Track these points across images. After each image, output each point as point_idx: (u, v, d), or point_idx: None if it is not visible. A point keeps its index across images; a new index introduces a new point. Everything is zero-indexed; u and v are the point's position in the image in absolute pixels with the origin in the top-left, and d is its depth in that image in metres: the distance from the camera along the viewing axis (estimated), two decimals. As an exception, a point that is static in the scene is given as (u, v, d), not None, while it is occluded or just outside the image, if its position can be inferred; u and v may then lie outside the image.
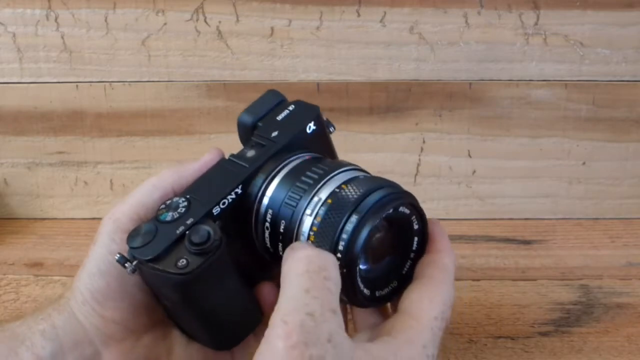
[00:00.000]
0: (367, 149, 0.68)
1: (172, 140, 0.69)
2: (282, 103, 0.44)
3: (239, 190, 0.39)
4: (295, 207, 0.37)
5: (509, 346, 0.49)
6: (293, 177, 0.39)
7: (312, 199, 0.37)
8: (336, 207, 0.36)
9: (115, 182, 0.70)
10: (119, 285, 0.38)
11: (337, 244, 0.35)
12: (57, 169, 0.70)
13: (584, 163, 0.69)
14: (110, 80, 0.67)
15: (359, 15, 0.65)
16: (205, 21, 0.65)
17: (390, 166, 0.68)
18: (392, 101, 0.67)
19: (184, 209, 0.38)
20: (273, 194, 0.39)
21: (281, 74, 0.66)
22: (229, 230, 0.38)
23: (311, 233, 0.36)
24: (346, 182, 0.37)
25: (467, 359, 0.47)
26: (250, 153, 0.41)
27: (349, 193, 0.36)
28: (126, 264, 0.36)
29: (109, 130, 0.69)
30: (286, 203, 0.38)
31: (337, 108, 0.67)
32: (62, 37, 0.66)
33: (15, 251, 0.65)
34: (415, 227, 0.38)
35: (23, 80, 0.67)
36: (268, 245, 0.39)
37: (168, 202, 0.38)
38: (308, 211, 0.37)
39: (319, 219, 0.36)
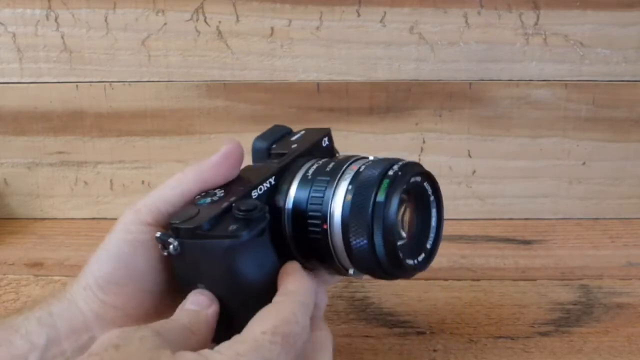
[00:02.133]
0: (367, 149, 0.68)
1: (172, 140, 0.69)
2: (291, 132, 0.46)
3: (272, 181, 0.40)
4: (323, 196, 0.39)
5: (509, 346, 0.49)
6: (317, 171, 0.41)
7: (338, 183, 0.39)
8: (361, 186, 0.38)
9: (115, 182, 0.70)
10: (125, 271, 0.38)
11: (372, 217, 0.37)
12: (57, 169, 0.70)
13: (584, 163, 0.69)
14: (110, 80, 0.67)
15: (359, 15, 0.65)
16: (205, 21, 0.65)
17: (390, 166, 0.68)
18: (392, 101, 0.67)
19: (222, 194, 0.39)
20: (299, 186, 0.40)
21: (281, 74, 0.66)
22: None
23: (344, 214, 0.38)
24: (362, 166, 0.40)
25: (467, 359, 0.47)
26: (275, 160, 0.43)
27: (368, 172, 0.38)
28: (169, 240, 0.37)
29: (109, 130, 0.69)
30: (313, 195, 0.40)
31: (337, 108, 0.67)
32: (62, 37, 0.66)
33: (15, 251, 0.65)
34: (431, 198, 0.41)
35: (23, 80, 0.67)
36: (293, 234, 0.40)
37: (204, 192, 0.39)
38: (337, 197, 0.39)
39: (349, 198, 0.38)
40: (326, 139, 0.45)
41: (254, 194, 0.39)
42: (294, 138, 0.45)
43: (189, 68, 0.67)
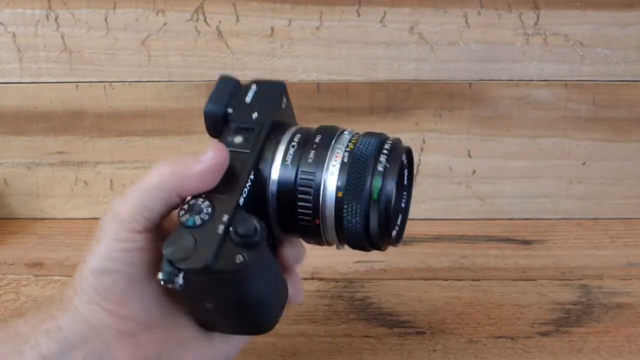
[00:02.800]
0: (367, 149, 0.68)
1: (172, 140, 0.69)
2: (239, 86, 0.43)
3: (252, 177, 0.39)
4: (314, 174, 0.39)
5: (509, 346, 0.49)
6: (300, 150, 0.40)
7: (328, 162, 0.39)
8: (357, 164, 0.39)
9: (115, 182, 0.70)
10: (127, 283, 0.38)
11: (370, 194, 0.38)
12: (57, 169, 0.70)
13: (584, 163, 0.69)
14: (110, 80, 0.67)
15: (359, 15, 0.65)
16: (205, 21, 0.65)
17: (390, 166, 0.68)
18: (392, 101, 0.67)
19: (209, 209, 0.37)
20: (281, 170, 0.40)
21: (281, 74, 0.66)
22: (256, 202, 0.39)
23: (339, 192, 0.39)
24: (352, 142, 0.40)
25: (467, 359, 0.47)
26: (239, 139, 0.40)
27: (362, 149, 0.39)
28: (175, 279, 0.35)
29: (109, 130, 0.69)
30: (302, 176, 0.39)
31: (337, 108, 0.67)
32: (62, 37, 0.66)
33: (15, 251, 0.65)
34: (405, 161, 0.42)
35: (23, 80, 0.67)
36: (283, 217, 0.40)
37: (186, 205, 0.37)
38: (328, 175, 0.39)
39: (343, 177, 0.39)
40: (284, 99, 0.43)
41: (242, 200, 0.38)
42: (248, 99, 0.42)
43: (189, 68, 0.67)
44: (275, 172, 0.40)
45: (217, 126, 0.42)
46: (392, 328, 0.51)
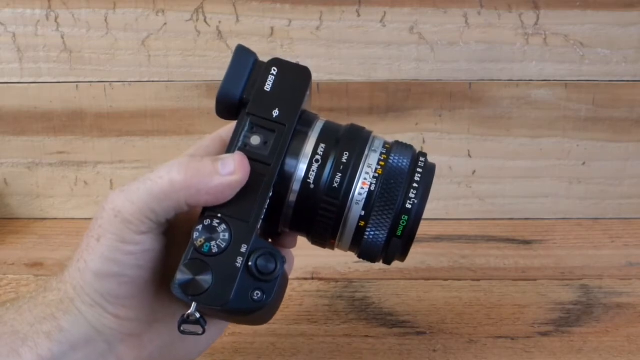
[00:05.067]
0: (367, 149, 0.68)
1: (172, 140, 0.69)
2: (257, 64, 0.39)
3: (271, 194, 0.37)
4: (338, 200, 0.38)
5: (509, 346, 0.49)
6: (322, 169, 0.38)
7: (355, 189, 0.38)
8: (391, 179, 0.38)
9: (115, 182, 0.70)
10: (131, 287, 0.37)
11: (399, 215, 0.38)
12: (57, 169, 0.70)
13: (584, 163, 0.69)
14: (110, 80, 0.67)
15: (359, 15, 0.65)
16: (205, 21, 0.65)
17: (390, 166, 0.68)
18: (392, 101, 0.67)
19: (226, 234, 0.35)
20: (302, 188, 0.38)
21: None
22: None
23: (361, 222, 0.38)
24: (380, 163, 0.39)
25: (467, 359, 0.47)
26: (257, 140, 0.37)
27: (396, 162, 0.39)
28: (190, 318, 0.35)
29: (109, 130, 0.69)
30: (325, 199, 0.38)
31: (337, 108, 0.67)
32: (62, 37, 0.66)
33: (15, 251, 0.65)
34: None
35: (23, 80, 0.67)
36: (295, 224, 0.39)
37: (200, 226, 0.35)
38: (353, 204, 0.38)
39: (369, 208, 0.37)
40: (308, 91, 0.39)
41: (259, 225, 0.36)
42: (268, 87, 0.38)
43: (189, 68, 0.67)
44: (296, 188, 0.38)
45: (230, 111, 0.38)
46: (392, 328, 0.51)
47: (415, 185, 0.38)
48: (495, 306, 0.54)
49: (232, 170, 0.36)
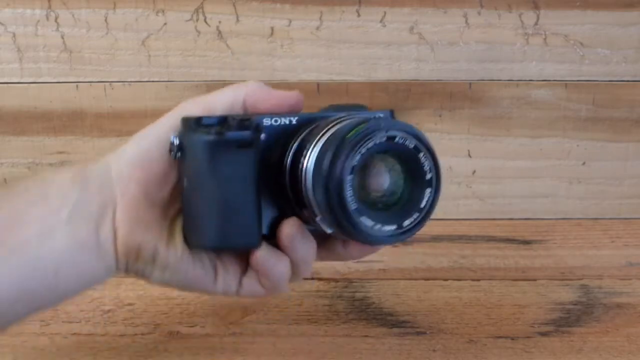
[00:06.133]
0: (367, 149, 0.68)
1: (172, 140, 0.69)
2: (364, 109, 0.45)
3: (292, 119, 0.41)
4: (306, 148, 0.39)
5: (509, 346, 0.49)
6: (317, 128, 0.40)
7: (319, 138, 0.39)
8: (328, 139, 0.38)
9: (115, 182, 0.70)
10: (156, 156, 0.40)
11: (326, 169, 0.36)
12: (57, 169, 0.70)
13: (584, 163, 0.69)
14: (110, 80, 0.67)
15: (359, 15, 0.65)
16: (205, 21, 0.65)
17: (390, 166, 0.68)
18: (392, 101, 0.67)
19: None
20: (300, 142, 0.40)
21: (281, 74, 0.66)
22: (270, 154, 0.40)
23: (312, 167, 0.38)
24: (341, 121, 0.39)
25: (467, 359, 0.47)
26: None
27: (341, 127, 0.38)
28: (174, 137, 0.40)
29: (109, 130, 0.69)
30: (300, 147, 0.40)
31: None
32: (62, 37, 0.66)
33: (15, 251, 0.65)
34: (427, 176, 0.40)
35: (23, 80, 0.67)
36: (289, 184, 0.40)
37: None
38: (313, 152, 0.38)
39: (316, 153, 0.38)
40: (381, 115, 0.43)
41: (266, 121, 0.41)
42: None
43: (189, 68, 0.67)
44: (298, 141, 0.40)
45: None
46: (391, 328, 0.51)
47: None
48: (495, 306, 0.54)
49: (297, 93, 0.43)
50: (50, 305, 0.41)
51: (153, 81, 0.67)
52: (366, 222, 0.37)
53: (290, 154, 0.40)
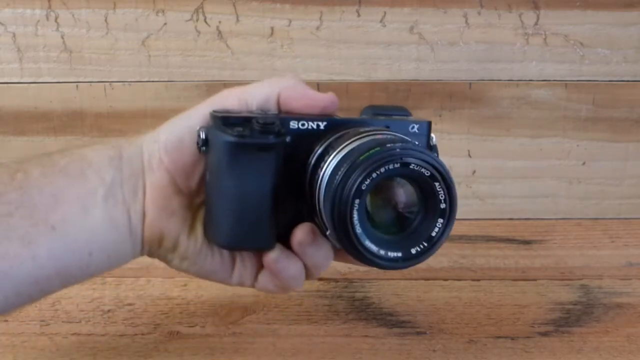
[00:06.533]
0: (367, 149, 0.68)
1: (172, 140, 0.69)
2: (407, 114, 0.45)
3: (321, 124, 0.41)
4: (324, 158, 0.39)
5: (509, 346, 0.49)
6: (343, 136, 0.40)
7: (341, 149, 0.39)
8: (344, 157, 0.38)
9: (115, 182, 0.70)
10: (187, 145, 0.41)
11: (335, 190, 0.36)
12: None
13: (584, 163, 0.69)
14: (110, 80, 0.67)
15: (359, 15, 0.65)
16: (205, 21, 0.65)
17: (390, 166, 0.68)
18: (392, 101, 0.67)
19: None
20: (324, 149, 0.40)
21: (281, 73, 0.66)
22: (296, 154, 0.40)
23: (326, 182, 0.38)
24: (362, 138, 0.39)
25: (467, 359, 0.47)
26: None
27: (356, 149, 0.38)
28: (200, 129, 0.40)
29: (109, 130, 0.69)
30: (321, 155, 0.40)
31: (337, 108, 0.67)
32: (62, 37, 0.66)
33: (15, 251, 0.65)
34: (442, 205, 0.38)
35: (23, 80, 0.67)
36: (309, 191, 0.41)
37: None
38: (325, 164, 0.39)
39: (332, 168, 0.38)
40: (416, 127, 0.43)
41: (293, 124, 0.40)
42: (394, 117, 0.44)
43: (189, 68, 0.67)
44: (322, 147, 0.41)
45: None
46: (391, 328, 0.51)
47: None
48: (495, 306, 0.54)
49: (331, 96, 0.42)
50: (78, 282, 0.41)
51: (153, 81, 0.67)
52: (371, 247, 0.37)
53: (314, 158, 0.40)
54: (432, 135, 0.44)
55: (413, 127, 0.43)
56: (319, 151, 0.40)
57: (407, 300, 0.55)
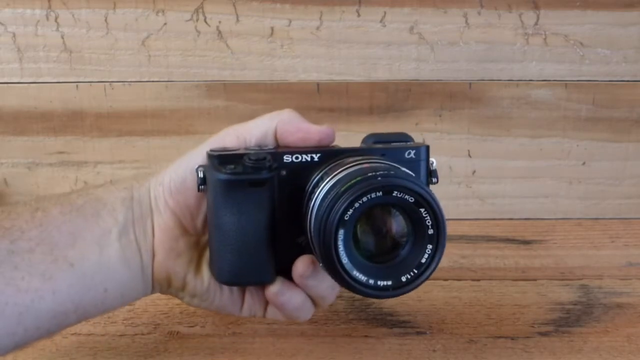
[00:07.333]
0: (367, 149, 0.68)
1: (172, 140, 0.69)
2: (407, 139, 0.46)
3: (315, 156, 0.41)
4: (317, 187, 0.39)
5: (509, 346, 0.49)
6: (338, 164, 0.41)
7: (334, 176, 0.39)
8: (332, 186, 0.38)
9: (115, 182, 0.70)
10: (190, 187, 0.42)
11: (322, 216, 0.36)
12: (57, 169, 0.70)
13: (584, 163, 0.69)
14: (110, 80, 0.67)
15: (359, 15, 0.65)
16: (205, 21, 0.65)
17: (390, 166, 0.68)
18: (392, 101, 0.67)
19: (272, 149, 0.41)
20: (320, 178, 0.40)
21: (281, 74, 0.66)
22: (295, 188, 0.41)
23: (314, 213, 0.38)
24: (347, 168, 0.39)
25: (467, 359, 0.47)
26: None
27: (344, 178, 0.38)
28: (198, 168, 0.41)
29: (109, 130, 0.69)
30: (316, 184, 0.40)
31: (337, 108, 0.67)
32: (62, 37, 0.66)
33: (15, 251, 0.65)
34: (430, 231, 0.38)
35: (23, 80, 0.67)
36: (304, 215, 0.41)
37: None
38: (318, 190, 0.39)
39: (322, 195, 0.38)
40: (413, 152, 0.43)
41: (286, 158, 0.41)
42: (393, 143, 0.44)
43: (189, 68, 0.67)
44: (319, 175, 0.41)
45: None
46: (392, 328, 0.51)
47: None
48: (495, 306, 0.54)
49: (326, 128, 0.43)
50: (92, 317, 0.42)
51: (153, 81, 0.67)
52: (359, 276, 0.36)
53: (310, 189, 0.40)
54: (433, 159, 0.44)
55: (409, 153, 0.43)
56: (314, 181, 0.40)
57: (407, 300, 0.55)
